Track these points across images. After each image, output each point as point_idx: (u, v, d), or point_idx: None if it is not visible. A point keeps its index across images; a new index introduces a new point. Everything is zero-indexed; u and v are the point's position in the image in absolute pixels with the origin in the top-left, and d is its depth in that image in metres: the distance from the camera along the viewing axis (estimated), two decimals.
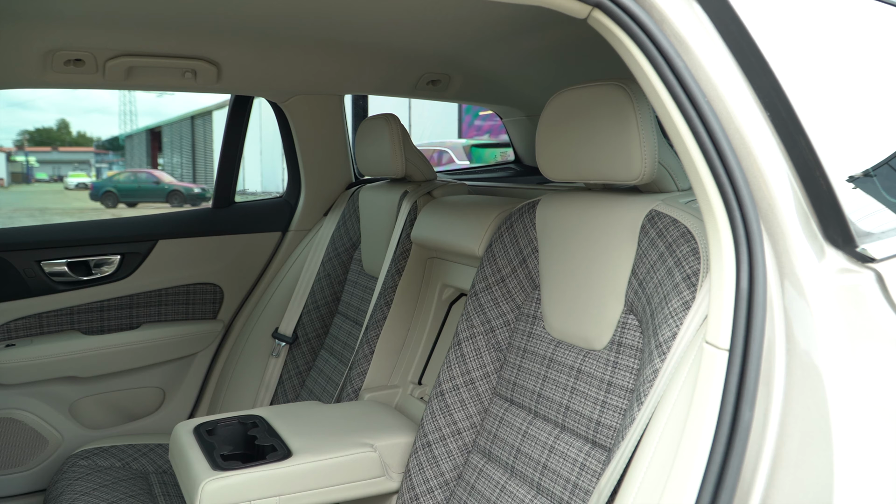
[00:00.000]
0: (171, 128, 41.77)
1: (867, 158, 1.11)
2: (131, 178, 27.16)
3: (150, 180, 26.79)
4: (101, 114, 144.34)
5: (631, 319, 1.30)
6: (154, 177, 27.36)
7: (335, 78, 2.37)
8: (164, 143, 43.46)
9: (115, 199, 25.90)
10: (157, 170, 35.85)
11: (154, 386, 2.57)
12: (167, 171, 38.96)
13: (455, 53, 2.27)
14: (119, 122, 61.77)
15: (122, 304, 2.46)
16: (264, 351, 2.53)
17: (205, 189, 26.93)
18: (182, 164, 39.87)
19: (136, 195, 26.13)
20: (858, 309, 0.96)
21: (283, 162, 2.75)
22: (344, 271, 2.43)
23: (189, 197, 26.11)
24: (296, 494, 1.54)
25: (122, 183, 26.73)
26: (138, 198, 26.08)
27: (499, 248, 1.60)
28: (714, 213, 0.98)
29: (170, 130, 42.16)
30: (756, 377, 0.91)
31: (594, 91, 1.32)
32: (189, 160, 38.81)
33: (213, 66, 2.09)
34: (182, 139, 39.73)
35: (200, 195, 26.28)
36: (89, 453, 2.22)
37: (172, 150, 41.75)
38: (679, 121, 0.98)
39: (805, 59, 1.09)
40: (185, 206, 25.48)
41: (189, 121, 38.40)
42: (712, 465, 0.89)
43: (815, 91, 1.07)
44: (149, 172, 28.64)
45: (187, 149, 38.95)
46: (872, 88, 1.18)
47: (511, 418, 1.49)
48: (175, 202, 25.67)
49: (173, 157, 41.54)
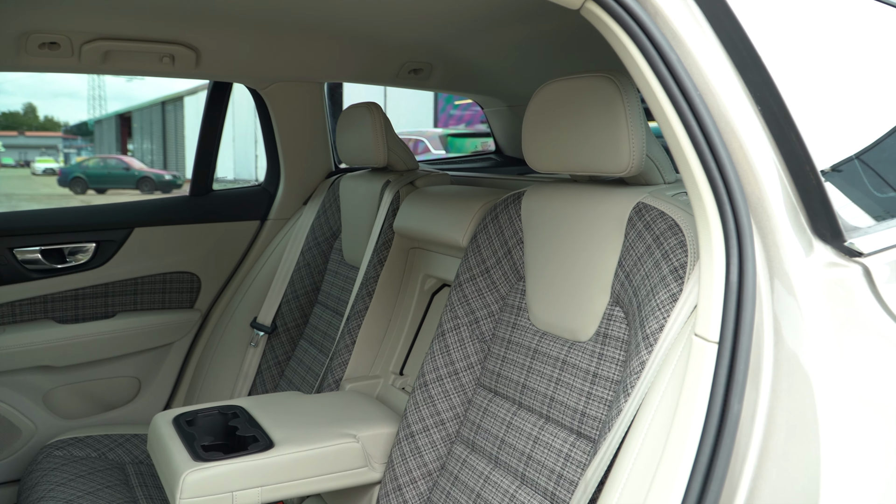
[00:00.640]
0: (142, 113, 41.17)
1: (857, 153, 1.12)
2: (101, 164, 26.74)
3: (119, 166, 26.39)
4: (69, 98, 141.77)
5: (617, 311, 1.30)
6: (124, 163, 26.96)
7: (316, 65, 2.35)
8: (134, 129, 42.82)
9: (84, 185, 25.49)
10: (127, 156, 35.32)
11: (130, 375, 2.53)
12: (137, 157, 38.39)
13: (438, 42, 2.26)
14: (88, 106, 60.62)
15: (98, 292, 2.42)
16: (242, 341, 2.51)
17: (176, 176, 26.60)
18: (153, 151, 39.34)
19: (106, 181, 25.73)
20: (846, 303, 0.97)
21: (256, 149, 2.72)
22: (324, 261, 2.41)
23: (160, 183, 25.77)
24: (278, 485, 1.53)
25: (92, 169, 26.30)
26: (108, 184, 25.69)
27: (483, 238, 1.60)
28: (704, 207, 0.98)
29: (140, 116, 41.55)
30: (745, 370, 0.92)
31: (582, 83, 1.32)
32: (160, 146, 38.30)
33: (192, 51, 2.06)
34: (153, 125, 39.20)
35: (171, 182, 25.96)
36: (64, 443, 2.19)
37: (143, 135, 41.16)
38: (671, 114, 0.98)
39: (797, 55, 1.10)
40: (156, 192, 25.18)
41: (160, 106, 37.87)
42: (701, 456, 0.89)
43: (807, 86, 1.07)
44: (119, 158, 28.20)
45: (158, 135, 38.43)
46: (863, 84, 1.19)
47: (495, 409, 1.49)
48: (145, 189, 25.33)
49: (143, 144, 40.96)
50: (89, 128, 55.55)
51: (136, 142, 42.78)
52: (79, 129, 60.19)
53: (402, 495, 1.56)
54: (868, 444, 0.94)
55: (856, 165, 1.09)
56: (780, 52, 1.05)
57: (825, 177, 1.00)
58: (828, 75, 1.15)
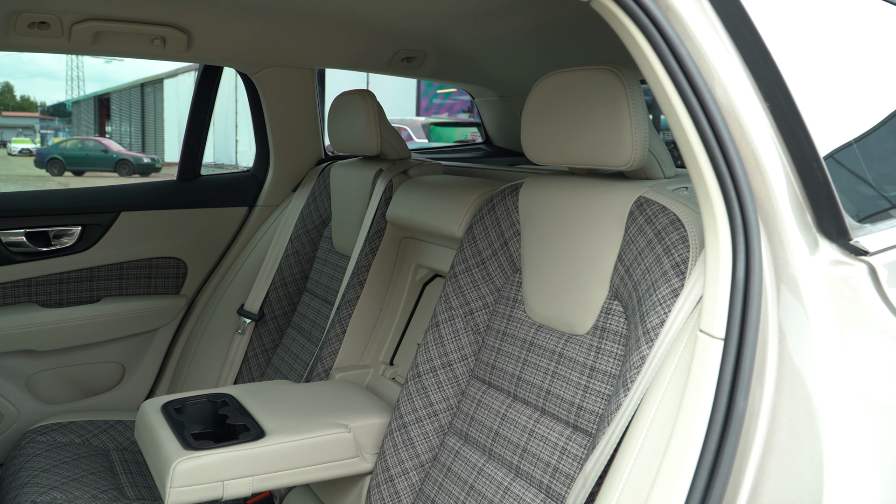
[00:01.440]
0: (120, 95, 40.62)
1: (864, 151, 1.12)
2: (78, 146, 26.32)
3: (98, 148, 26.00)
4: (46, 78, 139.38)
5: (615, 305, 1.30)
6: (102, 145, 26.55)
7: (308, 51, 2.32)
8: (113, 111, 42.26)
9: (62, 167, 25.11)
10: (105, 138, 34.82)
11: (114, 361, 2.50)
12: (116, 139, 37.90)
13: (432, 31, 2.24)
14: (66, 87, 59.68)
15: (83, 276, 2.39)
16: (229, 328, 2.48)
17: (154, 159, 26.29)
18: (131, 133, 38.86)
19: (84, 163, 25.36)
20: (851, 301, 0.98)
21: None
22: (313, 249, 2.39)
23: (138, 166, 25.44)
24: (269, 475, 1.52)
25: (69, 150, 25.89)
26: (86, 166, 25.32)
27: (479, 230, 1.59)
28: (711, 202, 0.98)
29: (119, 98, 40.99)
30: (751, 366, 0.92)
31: (584, 75, 1.31)
32: (138, 129, 37.83)
33: (184, 33, 2.02)
34: (131, 107, 38.69)
35: (150, 165, 25.64)
36: (47, 429, 2.16)
37: (121, 117, 40.63)
38: (680, 108, 0.98)
39: (805, 51, 1.10)
40: (135, 175, 24.88)
41: (139, 88, 37.38)
42: (706, 452, 0.90)
43: (814, 82, 1.07)
44: (97, 140, 27.77)
45: (137, 117, 37.95)
46: (869, 80, 1.19)
47: (489, 401, 1.49)
48: (124, 171, 25.01)
49: (122, 126, 40.43)
50: (67, 109, 54.73)
51: (114, 124, 42.22)
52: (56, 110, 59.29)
53: (394, 486, 1.55)
54: (872, 442, 0.94)
55: (861, 163, 1.10)
56: (789, 47, 1.05)
57: (832, 174, 1.00)
58: (835, 71, 1.15)
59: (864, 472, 0.93)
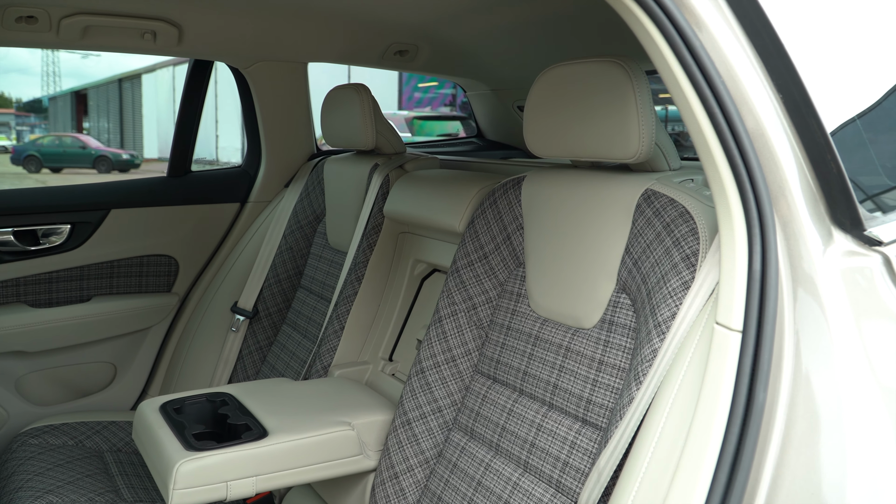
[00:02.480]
0: (98, 91, 40.13)
1: (877, 141, 1.12)
2: (56, 143, 25.97)
3: (75, 145, 25.68)
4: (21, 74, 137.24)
5: (623, 298, 1.30)
6: (80, 141, 26.22)
7: (300, 45, 2.29)
8: (90, 107, 41.75)
9: (39, 164, 24.77)
10: (83, 134, 34.42)
11: (105, 361, 2.47)
12: (94, 135, 37.45)
13: (425, 24, 2.22)
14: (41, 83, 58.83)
15: (73, 275, 2.35)
16: (222, 325, 2.46)
17: (133, 155, 26.00)
18: (109, 129, 38.42)
19: (61, 160, 25.03)
20: (866, 291, 0.97)
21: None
22: (307, 244, 2.37)
23: (117, 163, 25.16)
24: (273, 475, 1.50)
25: (46, 147, 25.54)
26: (63, 163, 25.00)
27: (481, 224, 1.58)
28: (726, 194, 0.97)
29: (96, 93, 40.50)
30: (769, 358, 0.91)
31: (589, 67, 1.30)
32: (117, 125, 37.41)
33: (175, 27, 1.99)
34: (109, 103, 38.24)
35: (129, 161, 25.37)
36: (39, 431, 2.13)
37: (99, 113, 40.15)
38: (694, 101, 0.97)
39: (820, 41, 1.09)
40: (114, 172, 24.61)
41: (117, 84, 36.95)
42: (728, 444, 0.89)
43: (830, 73, 1.07)
44: (74, 136, 27.43)
45: (115, 113, 37.52)
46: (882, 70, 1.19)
47: (495, 396, 1.48)
48: (102, 168, 24.72)
49: (100, 122, 39.96)
50: (43, 105, 54.00)
51: (92, 120, 41.71)
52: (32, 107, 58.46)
53: (399, 483, 1.54)
54: (891, 431, 0.94)
55: (872, 154, 1.10)
56: (802, 38, 1.04)
57: (845, 166, 1.00)
58: (847, 61, 1.15)
59: (884, 462, 0.93)
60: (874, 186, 1.12)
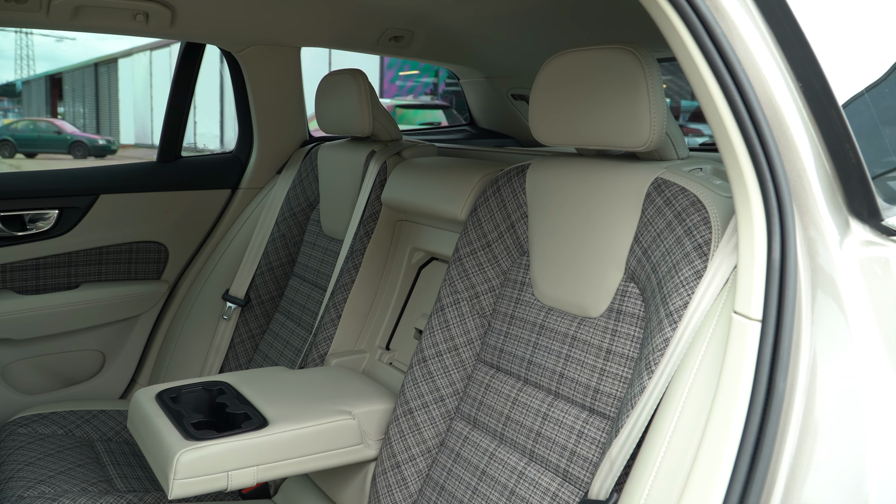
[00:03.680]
0: (73, 75, 39.49)
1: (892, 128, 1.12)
2: (30, 127, 25.50)
3: (51, 129, 25.23)
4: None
5: (631, 287, 1.29)
6: (55, 126, 25.77)
7: (295, 29, 2.26)
8: (66, 91, 41.09)
9: (13, 149, 24.33)
10: (58, 119, 33.86)
11: (94, 349, 2.43)
12: (69, 120, 36.88)
13: (420, 9, 2.20)
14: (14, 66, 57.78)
15: (60, 262, 2.31)
16: (213, 313, 2.43)
17: (110, 141, 25.63)
18: (85, 114, 37.85)
19: (36, 145, 24.60)
20: (883, 281, 0.98)
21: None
22: (300, 232, 2.34)
23: (93, 148, 24.76)
24: (274, 464, 1.48)
25: (21, 132, 25.08)
26: (38, 148, 24.57)
27: (484, 212, 1.56)
28: (745, 183, 0.97)
29: (71, 77, 39.86)
30: (789, 348, 0.91)
31: (599, 55, 1.29)
32: (92, 110, 36.87)
33: (167, 9, 1.95)
34: (85, 87, 37.66)
35: (105, 147, 24.99)
36: (28, 420, 2.09)
37: (74, 98, 39.53)
38: (714, 88, 0.96)
39: (841, 30, 1.09)
40: (90, 158, 24.24)
41: (92, 68, 36.39)
42: (748, 434, 0.89)
43: (850, 62, 1.07)
44: (49, 121, 26.97)
45: (90, 98, 36.97)
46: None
47: (498, 385, 1.47)
48: (78, 154, 24.33)
49: (75, 106, 39.35)
50: (17, 89, 53.03)
51: (67, 104, 41.06)
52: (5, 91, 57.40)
53: (401, 472, 1.53)
54: None
55: (886, 144, 1.10)
56: (823, 26, 1.04)
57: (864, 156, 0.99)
58: (873, 50, 1.15)
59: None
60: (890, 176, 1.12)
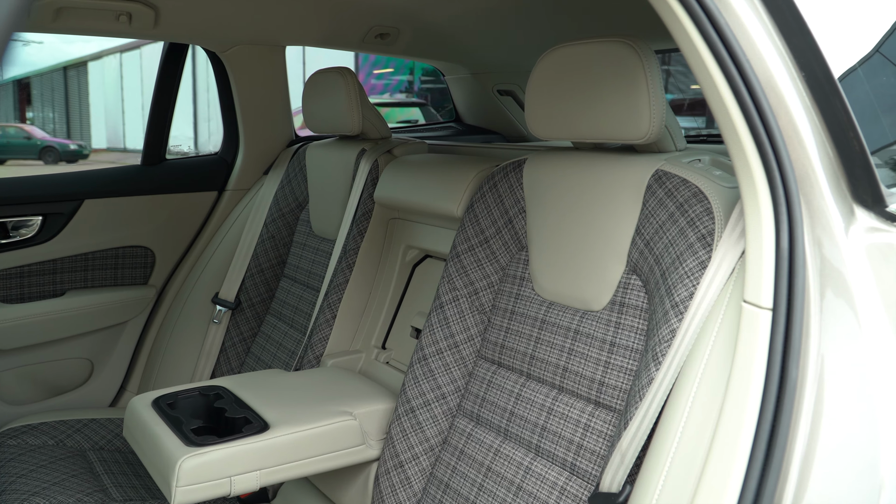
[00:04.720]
0: (42, 79, 38.88)
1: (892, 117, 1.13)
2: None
3: (20, 135, 24.80)
4: None
5: (634, 280, 1.29)
6: (25, 132, 25.34)
7: (280, 28, 2.24)
8: (34, 96, 40.44)
9: None
10: (27, 124, 33.32)
11: (81, 357, 2.39)
12: (38, 125, 36.30)
13: (406, 6, 2.19)
14: None
15: (45, 269, 2.27)
16: (202, 318, 2.40)
17: (82, 145, 25.27)
18: (55, 119, 37.29)
19: (5, 151, 24.15)
20: (889, 267, 0.98)
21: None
22: (289, 233, 2.32)
23: (64, 154, 24.39)
24: (276, 468, 1.47)
25: None
26: (8, 154, 24.13)
27: (481, 208, 1.56)
28: (752, 173, 0.97)
29: (40, 82, 39.23)
30: (800, 335, 0.92)
31: (596, 48, 1.29)
32: (62, 114, 36.33)
33: (151, 9, 1.93)
34: (54, 91, 37.10)
35: (77, 152, 24.62)
36: (17, 432, 2.05)
37: (44, 102, 38.93)
38: (719, 78, 0.96)
39: (843, 20, 1.10)
40: (61, 163, 23.88)
41: (62, 72, 35.86)
42: (763, 422, 0.89)
43: (853, 51, 1.08)
44: (18, 127, 26.53)
45: (60, 102, 36.43)
46: None
47: (501, 381, 1.47)
48: (49, 159, 23.94)
49: (45, 111, 38.76)
50: None
51: (36, 109, 40.42)
52: None
53: (404, 472, 1.52)
54: None
55: (886, 129, 1.11)
56: (825, 16, 1.05)
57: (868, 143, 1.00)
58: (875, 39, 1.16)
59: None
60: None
